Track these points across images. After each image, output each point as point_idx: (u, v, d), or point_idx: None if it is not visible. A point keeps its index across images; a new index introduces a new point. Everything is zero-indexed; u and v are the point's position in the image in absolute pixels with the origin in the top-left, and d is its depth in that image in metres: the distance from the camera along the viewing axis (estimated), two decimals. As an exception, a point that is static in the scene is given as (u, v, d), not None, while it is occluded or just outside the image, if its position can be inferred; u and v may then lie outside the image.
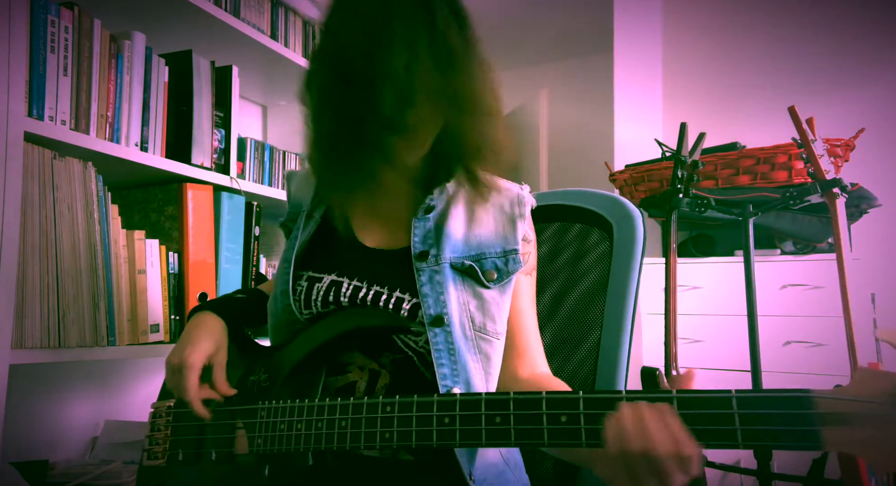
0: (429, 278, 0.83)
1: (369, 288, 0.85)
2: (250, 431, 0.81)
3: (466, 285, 0.85)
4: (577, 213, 1.07)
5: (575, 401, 0.62)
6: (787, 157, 1.88)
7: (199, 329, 0.88)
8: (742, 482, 2.01)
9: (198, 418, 0.84)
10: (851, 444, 0.48)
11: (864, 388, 0.49)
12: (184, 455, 0.86)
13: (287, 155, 1.94)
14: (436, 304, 0.82)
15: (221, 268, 1.51)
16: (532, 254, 0.92)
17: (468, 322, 0.84)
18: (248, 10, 1.73)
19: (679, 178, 1.60)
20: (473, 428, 0.65)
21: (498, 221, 0.90)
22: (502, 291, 0.86)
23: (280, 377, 0.84)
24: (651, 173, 2.08)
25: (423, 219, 0.88)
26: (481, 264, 0.86)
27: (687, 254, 2.22)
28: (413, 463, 0.82)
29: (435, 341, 0.81)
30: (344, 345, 0.86)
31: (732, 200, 1.82)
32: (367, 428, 0.71)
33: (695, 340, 2.09)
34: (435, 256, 0.85)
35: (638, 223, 0.99)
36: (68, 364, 1.46)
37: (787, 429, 0.52)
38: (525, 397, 0.64)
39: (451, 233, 0.87)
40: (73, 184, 1.21)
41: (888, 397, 0.47)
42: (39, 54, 1.15)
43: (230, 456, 0.82)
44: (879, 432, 0.47)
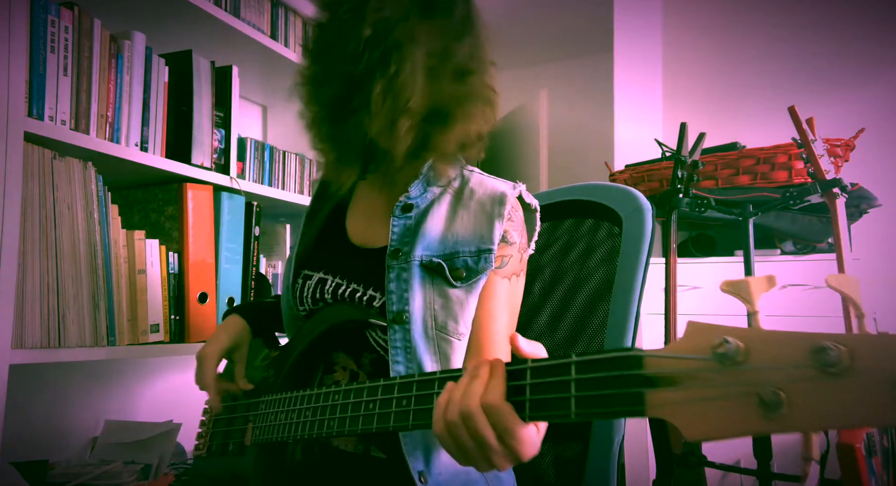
0: (396, 276, 0.84)
1: (348, 285, 0.89)
2: (253, 423, 0.89)
3: (434, 283, 0.85)
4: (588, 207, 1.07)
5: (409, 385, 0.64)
6: (787, 157, 1.88)
7: (221, 329, 0.98)
8: (742, 482, 2.00)
9: (230, 411, 0.96)
10: (669, 407, 0.43)
11: (690, 343, 0.43)
12: (215, 446, 0.96)
13: (287, 155, 1.94)
14: (399, 301, 0.83)
15: (221, 268, 1.51)
16: (514, 257, 0.88)
17: (431, 321, 0.84)
18: (248, 10, 1.73)
19: (679, 178, 1.60)
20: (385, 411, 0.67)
21: (478, 219, 0.88)
22: (469, 291, 0.85)
23: (282, 374, 0.89)
24: (651, 173, 2.08)
25: (402, 217, 0.88)
26: (452, 262, 0.85)
27: (687, 254, 2.22)
28: (383, 460, 0.86)
29: (393, 339, 0.83)
30: (332, 344, 0.90)
31: (732, 200, 1.82)
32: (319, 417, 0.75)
33: (695, 340, 2.09)
34: (406, 253, 0.85)
35: (647, 217, 0.99)
36: (68, 364, 1.46)
37: (617, 393, 0.46)
38: (402, 382, 0.66)
39: (429, 231, 0.87)
40: (73, 184, 1.21)
41: (709, 353, 0.41)
42: (39, 54, 1.15)
43: (242, 447, 0.90)
44: (695, 391, 0.41)
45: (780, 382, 0.38)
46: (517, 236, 0.89)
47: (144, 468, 1.38)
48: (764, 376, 0.39)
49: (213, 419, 1.01)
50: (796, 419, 0.37)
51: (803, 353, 0.38)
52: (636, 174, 2.12)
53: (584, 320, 1.03)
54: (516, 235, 0.89)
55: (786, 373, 0.38)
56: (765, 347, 0.40)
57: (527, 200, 0.92)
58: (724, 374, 0.41)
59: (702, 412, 0.41)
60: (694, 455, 1.45)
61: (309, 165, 2.02)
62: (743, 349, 0.40)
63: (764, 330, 0.41)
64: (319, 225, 0.99)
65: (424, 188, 0.90)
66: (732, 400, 0.40)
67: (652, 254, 0.98)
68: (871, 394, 0.35)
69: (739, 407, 0.39)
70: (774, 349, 0.39)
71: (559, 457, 1.02)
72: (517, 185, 0.92)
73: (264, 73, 1.96)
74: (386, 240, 0.88)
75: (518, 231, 0.89)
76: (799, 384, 0.38)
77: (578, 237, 1.08)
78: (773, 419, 0.38)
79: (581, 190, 1.10)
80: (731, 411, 0.40)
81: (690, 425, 0.41)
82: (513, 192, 0.90)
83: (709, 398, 0.41)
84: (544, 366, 0.54)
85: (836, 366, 0.36)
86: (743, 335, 0.41)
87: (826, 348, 0.36)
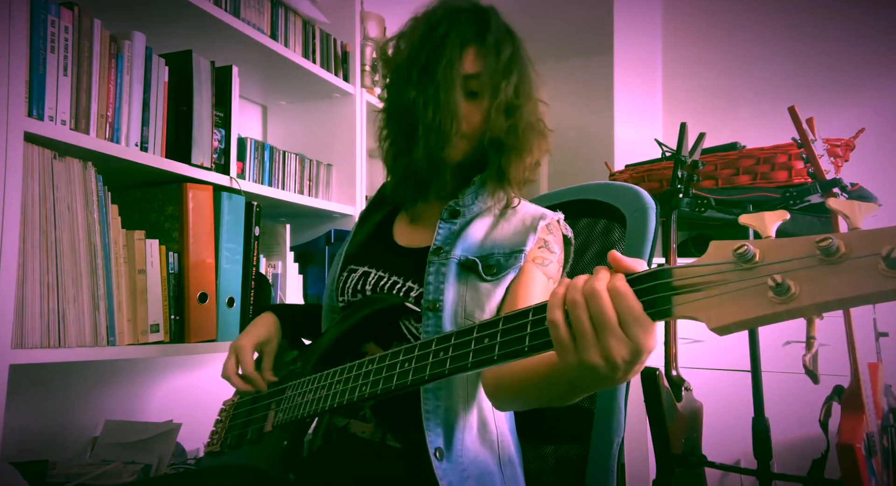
0: (436, 270, 0.92)
1: (389, 278, 0.97)
2: (276, 408, 0.93)
3: (469, 278, 0.92)
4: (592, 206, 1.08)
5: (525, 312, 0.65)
6: (787, 157, 1.88)
7: (254, 323, 1.05)
8: (742, 482, 2.01)
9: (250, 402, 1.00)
10: (693, 304, 0.49)
11: (713, 256, 0.50)
12: (231, 439, 1.00)
13: (287, 155, 1.94)
14: (435, 291, 0.90)
15: (221, 268, 1.51)
16: (555, 266, 0.95)
17: (461, 310, 0.90)
18: (248, 10, 1.73)
19: (679, 178, 1.60)
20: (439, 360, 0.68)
21: (517, 230, 0.96)
22: (497, 284, 0.91)
23: (310, 364, 0.93)
24: (651, 173, 2.08)
25: (448, 221, 0.97)
26: (486, 260, 0.92)
27: (687, 254, 2.22)
28: (398, 450, 0.89)
29: (426, 324, 0.89)
30: (362, 336, 0.95)
31: (732, 200, 1.82)
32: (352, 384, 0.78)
33: (695, 340, 2.09)
34: (447, 252, 0.93)
35: (651, 215, 1.00)
36: (68, 364, 1.46)
37: (645, 300, 0.52)
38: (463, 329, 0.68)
39: (471, 236, 0.95)
40: (73, 184, 1.21)
41: (729, 258, 0.48)
42: (39, 54, 1.15)
43: (260, 434, 0.94)
44: (716, 289, 0.48)
45: (789, 270, 0.45)
46: (557, 248, 0.96)
47: (144, 468, 1.38)
48: (775, 269, 0.46)
49: (231, 414, 1.04)
50: (803, 299, 0.44)
51: (807, 247, 0.45)
52: (636, 174, 2.12)
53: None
54: (557, 247, 0.96)
55: (793, 263, 0.45)
56: (775, 248, 0.47)
57: (564, 231, 0.99)
58: (742, 272, 0.47)
59: (721, 305, 0.48)
60: (694, 455, 1.45)
61: (309, 165, 2.02)
62: (757, 252, 0.47)
63: (774, 239, 0.48)
64: (370, 228, 1.09)
65: (473, 199, 0.98)
66: (748, 290, 0.47)
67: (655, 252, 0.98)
68: (864, 271, 0.42)
69: (755, 296, 0.46)
70: (783, 249, 0.46)
71: (560, 458, 1.02)
72: (557, 213, 1.00)
73: (264, 74, 1.96)
74: (429, 242, 0.96)
75: (559, 245, 0.97)
76: (804, 271, 0.44)
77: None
78: (784, 301, 0.44)
79: (585, 189, 1.10)
80: (748, 300, 0.46)
81: (712, 317, 0.48)
82: (553, 215, 0.98)
83: (728, 293, 0.48)
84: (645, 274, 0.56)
85: (835, 253, 0.43)
86: (757, 243, 0.48)
87: (826, 238, 0.43)
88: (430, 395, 0.87)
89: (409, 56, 0.95)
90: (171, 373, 1.82)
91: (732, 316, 0.47)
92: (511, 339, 0.61)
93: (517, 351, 0.60)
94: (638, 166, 2.17)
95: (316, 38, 2.03)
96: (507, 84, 0.94)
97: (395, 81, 0.98)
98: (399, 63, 0.97)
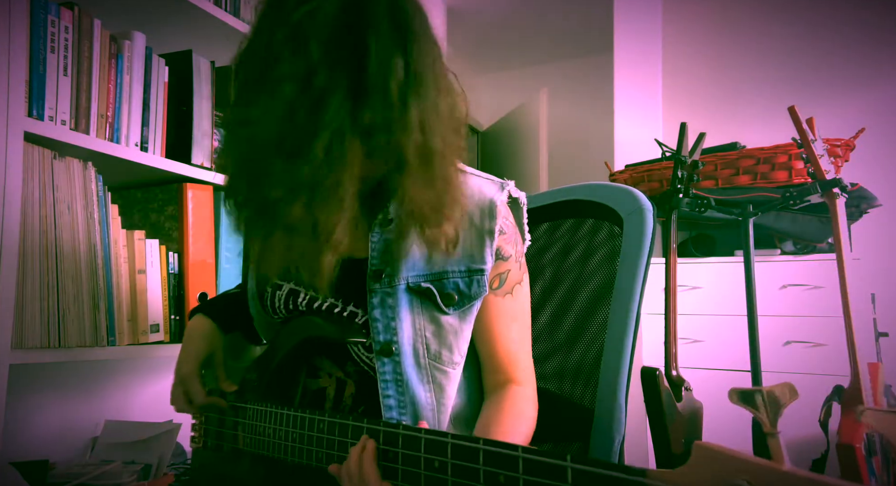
0: (380, 301, 0.79)
1: (324, 300, 0.83)
2: (241, 429, 0.89)
3: (424, 308, 0.79)
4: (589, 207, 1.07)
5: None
6: (787, 157, 1.88)
7: (190, 339, 0.92)
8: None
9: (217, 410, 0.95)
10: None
11: (699, 472, 0.41)
12: (210, 442, 0.96)
13: (287, 155, 1.94)
14: (385, 330, 0.78)
15: (221, 268, 1.51)
16: (514, 269, 0.84)
17: (423, 349, 0.79)
18: (248, 10, 1.73)
19: (679, 178, 1.60)
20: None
21: (468, 235, 0.80)
22: (462, 317, 0.80)
23: (266, 377, 0.89)
24: (651, 173, 2.08)
25: (381, 232, 0.80)
26: (442, 285, 0.79)
27: (687, 254, 2.22)
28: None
29: (382, 371, 0.78)
30: (315, 349, 0.87)
31: (732, 200, 1.82)
32: (307, 446, 0.77)
33: (695, 340, 2.09)
34: (390, 276, 0.79)
35: (648, 217, 0.98)
36: (68, 364, 1.46)
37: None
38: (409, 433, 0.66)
39: (412, 249, 0.78)
40: (73, 184, 1.21)
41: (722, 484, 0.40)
42: (39, 54, 1.15)
43: (235, 451, 0.90)
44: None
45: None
46: (511, 249, 0.84)
47: (144, 468, 1.38)
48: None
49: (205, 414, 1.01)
50: None
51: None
52: (636, 174, 2.12)
53: (585, 320, 1.03)
54: (510, 247, 0.84)
55: None
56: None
57: (514, 195, 0.88)
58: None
59: None
60: (694, 455, 1.45)
61: (309, 165, 2.02)
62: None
63: (779, 469, 0.37)
64: None
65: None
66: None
67: (653, 254, 0.98)
68: None
69: None
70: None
71: (559, 457, 1.02)
72: (505, 183, 0.86)
73: (264, 73, 1.96)
74: (364, 252, 0.81)
75: (512, 242, 0.84)
76: None
77: (579, 238, 1.08)
78: None
79: (582, 190, 1.10)
80: None
81: None
82: (501, 195, 0.83)
83: None
84: (540, 462, 0.52)
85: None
86: (754, 472, 0.38)
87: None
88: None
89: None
90: (171, 373, 1.80)
91: None
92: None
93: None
94: (638, 166, 2.17)
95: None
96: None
97: None
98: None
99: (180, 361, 0.91)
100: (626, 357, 0.92)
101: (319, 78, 0.64)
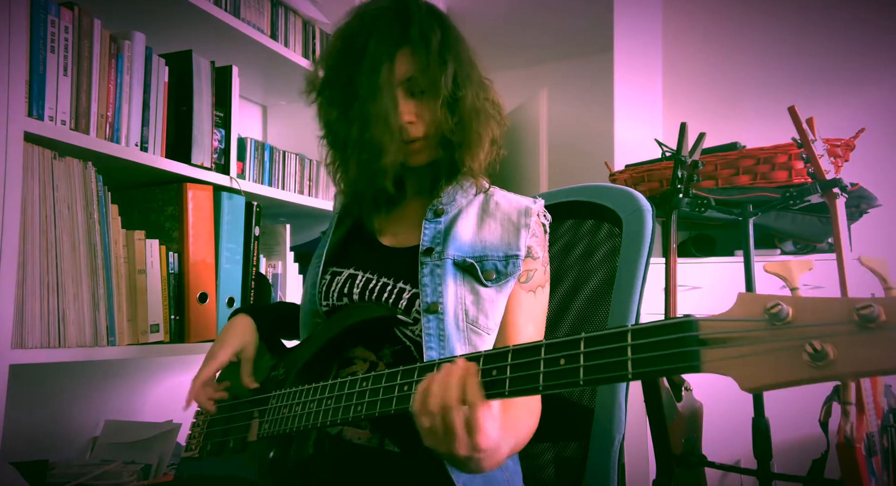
0: (430, 271, 0.89)
1: (378, 280, 0.93)
2: (260, 418, 0.89)
3: (466, 280, 0.90)
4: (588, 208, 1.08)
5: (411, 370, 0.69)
6: (787, 157, 1.88)
7: (229, 329, 1.00)
8: (742, 482, 2.01)
9: (229, 410, 0.95)
10: (724, 362, 0.48)
11: (741, 310, 0.49)
12: (211, 446, 0.95)
13: (287, 155, 1.94)
14: (433, 293, 0.87)
15: (221, 268, 1.51)
16: (539, 271, 0.93)
17: (462, 314, 0.88)
18: (248, 10, 1.73)
19: (679, 178, 1.60)
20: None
21: (505, 228, 0.93)
22: (499, 290, 0.90)
23: (294, 370, 0.90)
24: (651, 173, 2.08)
25: (433, 221, 0.95)
26: (482, 263, 0.90)
27: (687, 254, 2.22)
28: (398, 454, 0.87)
29: (427, 327, 0.86)
30: (349, 341, 0.92)
31: (732, 200, 1.82)
32: (345, 403, 0.76)
33: (695, 340, 2.09)
34: (439, 252, 0.90)
35: (647, 217, 0.99)
36: (68, 364, 1.46)
37: (671, 353, 0.51)
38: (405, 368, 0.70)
39: (459, 235, 0.92)
40: (73, 184, 1.21)
41: (760, 316, 0.47)
42: (39, 54, 1.15)
43: (244, 444, 0.89)
44: (748, 347, 0.47)
45: (826, 335, 0.44)
46: (541, 252, 0.94)
47: (144, 468, 1.38)
48: (811, 332, 0.45)
49: (208, 419, 1.00)
50: (840, 366, 0.43)
51: (845, 313, 0.44)
52: (636, 174, 2.12)
53: (585, 319, 1.03)
54: (540, 250, 0.94)
55: (831, 328, 0.44)
56: (810, 309, 0.46)
57: (542, 218, 0.97)
58: (775, 332, 0.46)
59: (754, 365, 0.46)
60: (694, 455, 1.45)
61: (309, 165, 2.02)
62: (790, 311, 0.46)
63: (807, 297, 0.47)
64: (347, 227, 1.04)
65: (454, 196, 0.97)
66: (783, 353, 0.45)
67: (652, 254, 0.98)
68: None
69: (790, 358, 0.45)
70: (819, 310, 0.45)
71: (559, 457, 1.02)
72: (537, 200, 0.97)
73: (264, 74, 1.96)
74: (415, 241, 0.93)
75: (541, 246, 0.95)
76: (842, 337, 0.43)
77: (579, 238, 1.08)
78: (820, 367, 0.43)
79: (582, 191, 1.10)
80: (782, 362, 0.45)
81: (744, 376, 0.47)
82: (535, 206, 0.95)
83: (761, 353, 0.46)
84: (599, 336, 0.57)
85: (875, 321, 0.42)
86: (790, 301, 0.47)
87: (867, 305, 0.43)
88: None
89: (329, 77, 0.94)
90: (170, 373, 1.82)
91: (766, 378, 0.46)
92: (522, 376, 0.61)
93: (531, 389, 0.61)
94: (638, 166, 2.17)
95: (316, 38, 2.03)
96: (445, 77, 0.89)
97: (320, 106, 0.96)
98: (320, 86, 0.95)
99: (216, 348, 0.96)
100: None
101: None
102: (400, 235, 0.99)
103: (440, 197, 0.96)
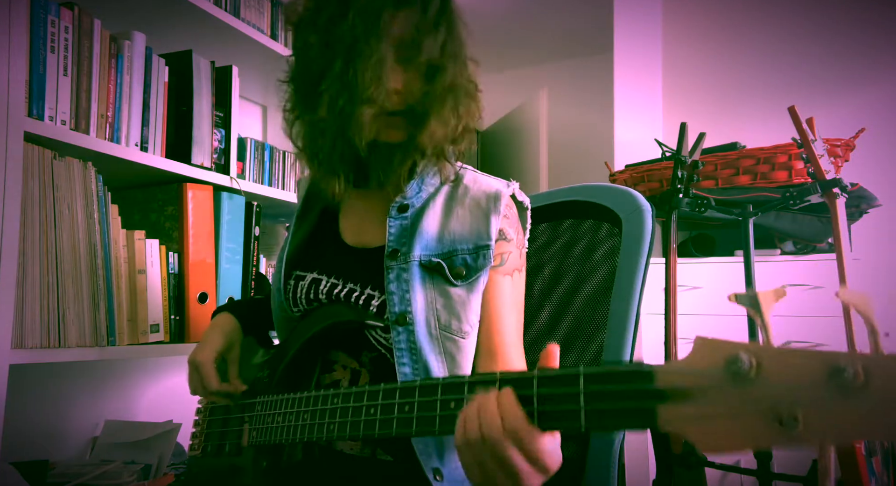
0: (396, 276, 0.84)
1: (343, 285, 0.88)
2: (249, 424, 0.88)
3: (435, 282, 0.84)
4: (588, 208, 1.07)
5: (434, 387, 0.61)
6: (787, 157, 1.88)
7: (212, 329, 0.95)
8: (742, 482, 2.00)
9: (224, 411, 0.94)
10: (682, 421, 0.43)
11: (701, 359, 0.43)
12: (211, 447, 0.94)
13: (287, 155, 1.94)
14: (400, 302, 0.83)
15: (221, 268, 1.51)
16: (514, 253, 0.88)
17: (434, 320, 0.83)
18: (248, 10, 1.73)
19: (679, 178, 1.60)
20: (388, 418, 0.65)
21: (474, 216, 0.87)
22: (470, 289, 0.84)
23: (277, 374, 0.88)
24: (651, 173, 2.08)
25: (398, 217, 0.88)
26: (451, 261, 0.85)
27: (687, 254, 2.22)
28: (391, 463, 0.85)
29: (398, 340, 0.82)
30: (329, 343, 0.89)
31: (732, 200, 1.82)
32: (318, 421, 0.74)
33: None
34: (405, 254, 0.84)
35: (647, 217, 0.98)
36: (68, 364, 1.46)
37: (628, 407, 0.46)
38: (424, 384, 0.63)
39: (426, 230, 0.86)
40: (73, 184, 1.21)
41: (720, 368, 0.41)
42: (39, 54, 1.15)
43: (239, 448, 0.89)
44: (708, 406, 0.42)
45: (796, 400, 0.39)
46: (514, 233, 0.88)
47: (144, 468, 1.38)
48: (778, 394, 0.39)
49: (207, 419, 1.00)
50: (811, 435, 0.38)
51: (818, 373, 0.38)
52: (636, 174, 2.12)
53: (584, 320, 1.03)
54: (513, 231, 0.88)
55: (801, 392, 0.39)
56: (778, 364, 0.40)
57: (519, 198, 0.93)
58: (738, 390, 0.41)
59: (716, 427, 0.41)
60: (694, 455, 1.45)
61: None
62: (755, 366, 0.41)
63: (775, 347, 0.41)
64: (310, 225, 0.98)
65: (419, 188, 0.89)
66: (747, 417, 0.40)
67: (652, 254, 0.98)
68: (884, 410, 0.36)
69: (754, 423, 0.40)
70: (788, 367, 0.40)
71: (559, 457, 1.01)
72: (511, 183, 0.92)
73: (264, 74, 1.96)
74: (381, 240, 0.87)
75: (514, 228, 0.89)
76: (814, 403, 0.38)
77: (578, 237, 1.08)
78: (788, 434, 0.39)
79: (581, 191, 1.10)
80: (746, 426, 0.40)
81: (705, 440, 0.42)
82: (507, 189, 0.89)
83: (722, 414, 0.41)
84: (553, 376, 0.53)
85: (851, 385, 0.37)
86: (755, 351, 0.41)
87: (842, 369, 0.37)
88: None
89: (319, 2, 0.82)
90: (171, 373, 1.82)
91: (727, 443, 0.41)
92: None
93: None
94: (638, 166, 2.17)
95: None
96: (434, 41, 0.81)
97: (298, 26, 0.84)
98: (303, 16, 0.83)
99: (197, 349, 0.92)
100: (625, 357, 0.92)
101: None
102: (365, 233, 0.93)
103: (404, 191, 0.88)
